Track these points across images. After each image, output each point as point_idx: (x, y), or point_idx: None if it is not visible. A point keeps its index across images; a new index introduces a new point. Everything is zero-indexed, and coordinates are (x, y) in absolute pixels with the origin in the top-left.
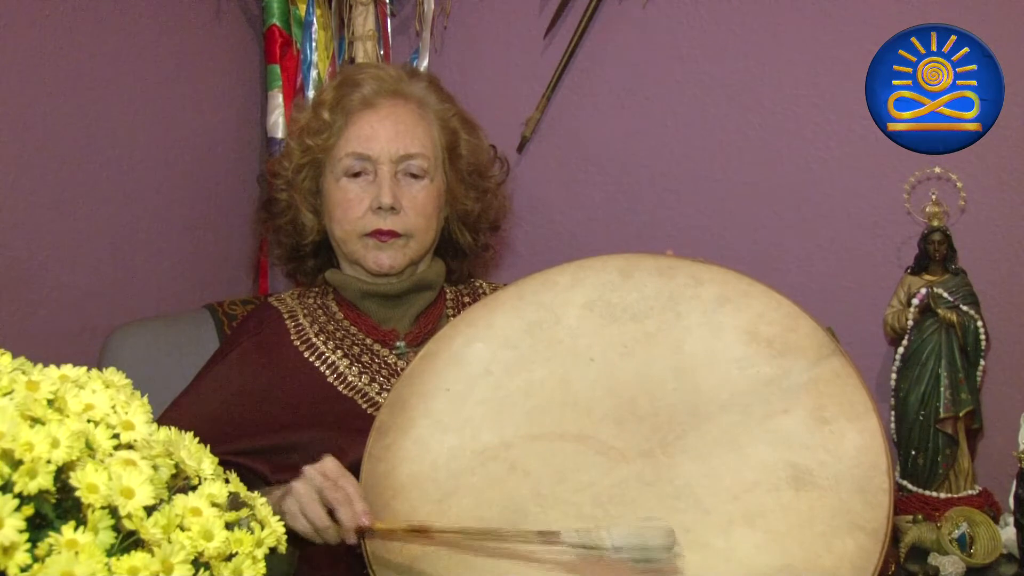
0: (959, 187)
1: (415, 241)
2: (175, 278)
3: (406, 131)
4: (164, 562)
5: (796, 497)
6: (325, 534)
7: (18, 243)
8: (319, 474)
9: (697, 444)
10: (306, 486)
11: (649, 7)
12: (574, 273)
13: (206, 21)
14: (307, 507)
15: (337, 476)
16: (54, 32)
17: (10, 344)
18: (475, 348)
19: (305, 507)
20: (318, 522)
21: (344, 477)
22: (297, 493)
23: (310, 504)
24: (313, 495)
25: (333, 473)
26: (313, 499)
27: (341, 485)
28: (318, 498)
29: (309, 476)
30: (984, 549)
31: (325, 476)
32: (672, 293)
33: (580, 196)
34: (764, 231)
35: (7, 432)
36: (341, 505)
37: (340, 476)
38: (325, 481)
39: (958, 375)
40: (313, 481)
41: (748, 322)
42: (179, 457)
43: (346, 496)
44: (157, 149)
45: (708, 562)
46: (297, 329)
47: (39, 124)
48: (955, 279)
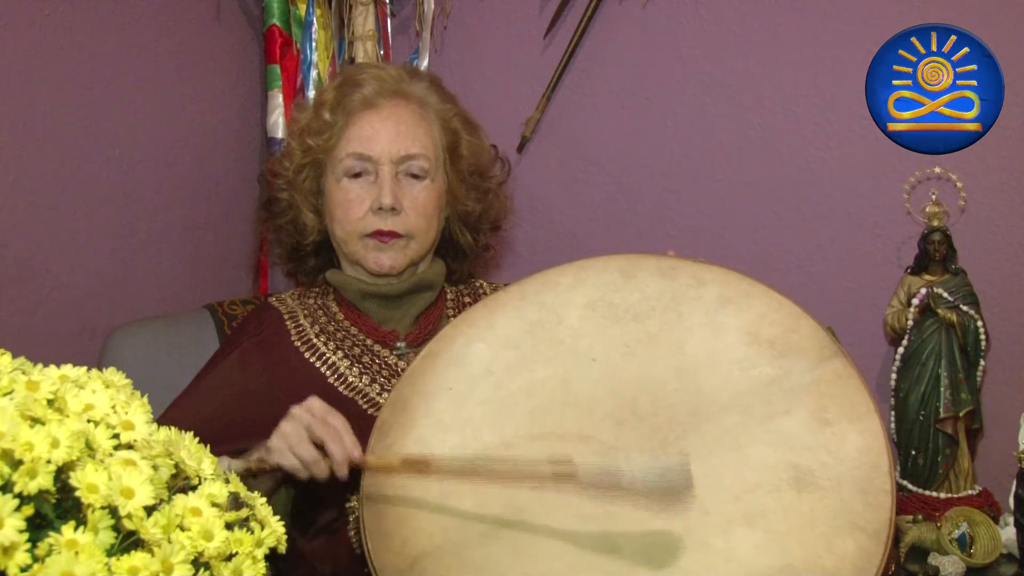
0: (959, 187)
1: (416, 242)
2: (175, 278)
3: (407, 131)
4: (164, 562)
5: (797, 498)
6: (314, 468)
7: (18, 243)
8: (306, 412)
9: (698, 444)
10: (294, 424)
11: (649, 7)
12: (576, 273)
13: (206, 21)
14: (295, 443)
15: (324, 413)
16: (54, 32)
17: (10, 344)
18: (476, 348)
19: (293, 444)
20: (307, 456)
21: (332, 414)
22: (284, 431)
23: (298, 440)
24: (301, 431)
25: (320, 411)
26: (301, 435)
27: (329, 421)
28: (306, 434)
29: (296, 414)
30: (984, 549)
31: (312, 413)
32: (674, 294)
33: (580, 196)
34: (764, 231)
35: (7, 432)
36: (331, 440)
37: (327, 413)
38: (312, 418)
39: (958, 375)
40: (301, 418)
41: (750, 323)
42: (179, 457)
43: (335, 431)
44: (157, 149)
45: (708, 562)
46: (297, 329)
47: (39, 124)
48: (955, 279)
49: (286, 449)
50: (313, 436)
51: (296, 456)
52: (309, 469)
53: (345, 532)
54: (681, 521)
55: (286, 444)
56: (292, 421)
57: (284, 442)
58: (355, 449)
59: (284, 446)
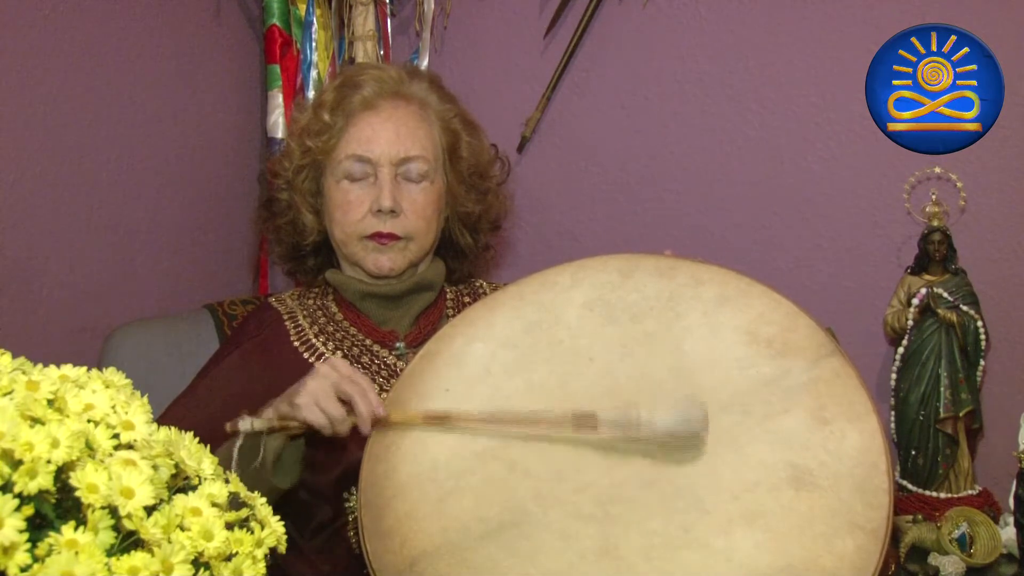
0: (959, 187)
1: (415, 243)
2: (175, 278)
3: (407, 133)
4: (164, 562)
5: (796, 497)
6: (340, 426)
7: (18, 243)
8: (332, 370)
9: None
10: (321, 381)
11: (649, 7)
12: (574, 273)
13: (206, 21)
14: (323, 399)
15: (351, 372)
16: (54, 32)
17: (10, 344)
18: (475, 348)
19: (320, 399)
20: (335, 413)
21: (356, 373)
22: (311, 388)
23: (326, 396)
24: (328, 388)
25: (346, 369)
26: (329, 392)
27: (355, 379)
28: (333, 391)
29: (323, 372)
30: (984, 549)
31: (339, 371)
32: (672, 293)
33: (580, 196)
34: (764, 231)
35: (7, 432)
36: (358, 396)
37: (353, 372)
38: (340, 376)
39: (958, 375)
40: (328, 376)
41: (748, 322)
42: (179, 457)
43: (361, 389)
44: (157, 149)
45: (708, 562)
46: (297, 330)
47: (39, 124)
48: (955, 279)
49: (313, 404)
50: (340, 393)
51: (323, 412)
52: (334, 426)
53: (344, 532)
54: (681, 521)
55: (313, 400)
56: (320, 379)
57: (312, 398)
58: (380, 407)
59: (311, 402)
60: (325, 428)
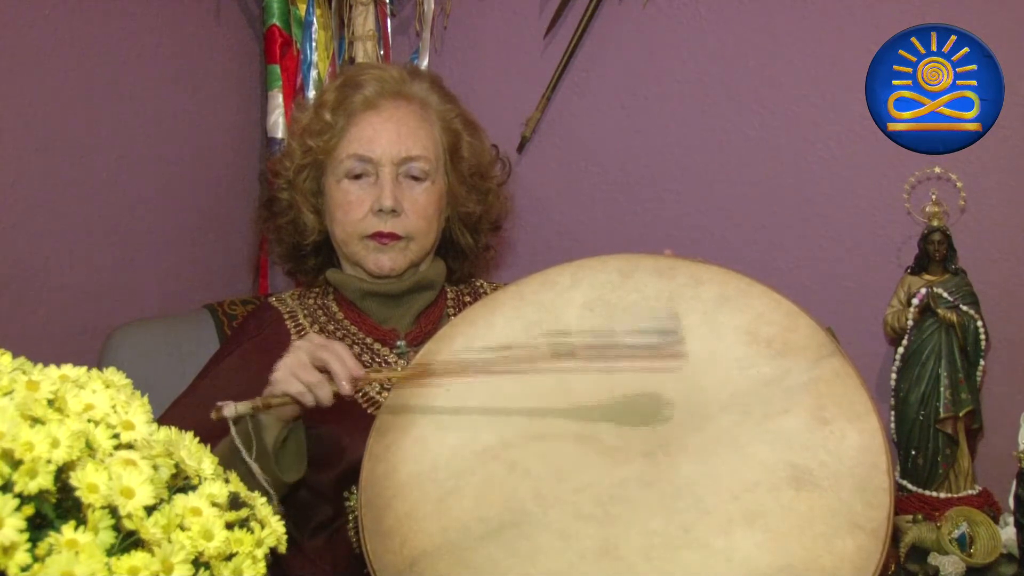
0: (959, 187)
1: (416, 243)
2: (175, 278)
3: (408, 133)
4: (164, 562)
5: (796, 497)
6: (318, 390)
7: (18, 243)
8: (306, 342)
9: (697, 444)
10: (296, 353)
11: (649, 7)
12: (574, 273)
13: (206, 21)
14: (298, 369)
15: (324, 341)
16: (54, 32)
17: (10, 344)
18: (475, 348)
19: (296, 369)
20: (311, 378)
21: (331, 341)
22: (286, 361)
23: (301, 366)
24: (303, 357)
25: (319, 339)
26: (304, 361)
27: (329, 345)
28: (308, 360)
29: (297, 344)
30: (984, 549)
31: (312, 342)
32: (672, 293)
33: (580, 196)
34: (764, 231)
35: (7, 432)
36: (333, 359)
37: (327, 341)
38: (314, 345)
39: (958, 375)
40: (302, 347)
41: (748, 322)
42: (179, 457)
43: (335, 353)
44: (157, 149)
45: (708, 562)
46: (297, 330)
47: (39, 124)
48: (955, 279)
49: (290, 375)
50: (315, 361)
51: (300, 380)
52: (313, 392)
53: (345, 531)
54: (681, 520)
55: (290, 371)
56: (294, 351)
57: (287, 370)
58: (357, 367)
59: (287, 373)
60: (305, 396)
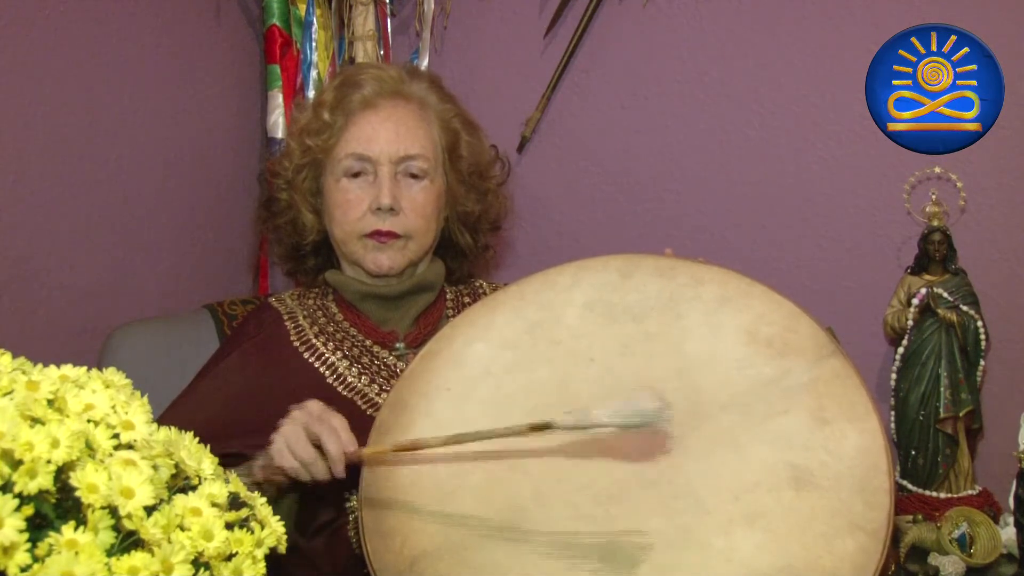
0: (959, 187)
1: (414, 242)
2: (175, 278)
3: (407, 132)
4: (164, 562)
5: (796, 497)
6: (313, 468)
7: (18, 243)
8: (304, 413)
9: (697, 444)
10: (292, 424)
11: (649, 7)
12: (574, 273)
13: (206, 21)
14: (294, 442)
15: (321, 412)
16: (54, 32)
17: (10, 344)
18: (475, 348)
19: (292, 443)
20: (305, 455)
21: (328, 413)
22: (284, 432)
23: (297, 439)
24: (299, 431)
25: (317, 410)
26: (300, 435)
27: (325, 419)
28: (304, 434)
29: (294, 416)
30: (984, 549)
31: (310, 414)
32: (672, 294)
33: (580, 196)
34: (764, 231)
35: (7, 432)
36: (327, 437)
37: (324, 412)
38: (310, 418)
39: (958, 375)
40: (299, 419)
41: (748, 322)
42: (179, 457)
43: (332, 428)
44: (157, 149)
45: (708, 562)
46: (296, 330)
47: (39, 124)
48: (955, 279)
49: (286, 450)
50: (310, 435)
51: (295, 456)
52: (308, 469)
53: (345, 532)
54: (681, 521)
55: (285, 445)
56: (290, 423)
57: (284, 443)
58: (351, 444)
59: (284, 447)
60: (300, 473)
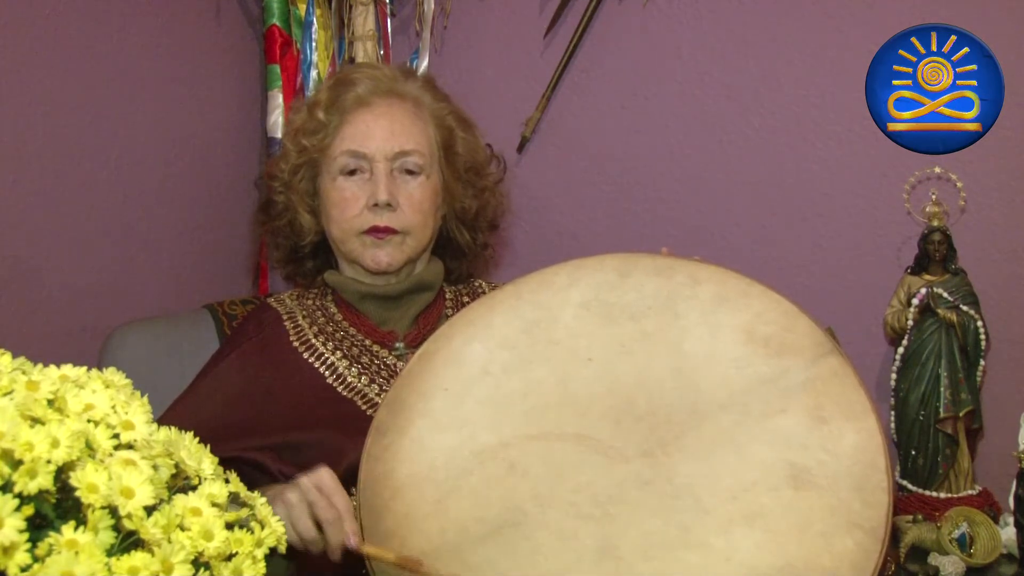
0: (959, 187)
1: (412, 238)
2: (175, 278)
3: (402, 129)
4: (164, 562)
5: (795, 496)
6: (312, 545)
7: (18, 243)
8: (313, 487)
9: (696, 444)
10: (298, 497)
11: (649, 7)
12: (571, 273)
13: (206, 21)
14: (296, 519)
15: (331, 492)
16: (54, 32)
17: (10, 344)
18: (473, 348)
19: (295, 518)
20: (306, 535)
21: (337, 494)
22: (288, 503)
23: (300, 516)
24: (304, 507)
25: (328, 488)
26: (303, 511)
27: (334, 503)
28: (308, 511)
29: (304, 487)
30: (984, 549)
31: (319, 490)
32: (670, 293)
33: (580, 196)
34: (764, 231)
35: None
36: (330, 524)
37: (334, 492)
38: (319, 496)
39: (958, 375)
40: (307, 494)
41: (746, 322)
42: (179, 457)
43: (337, 515)
44: (157, 149)
45: (708, 562)
46: (296, 330)
47: (39, 124)
48: (955, 279)
49: (287, 522)
50: (314, 514)
51: (295, 530)
52: (306, 544)
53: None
54: (680, 520)
55: (287, 517)
56: (297, 493)
57: (286, 515)
58: (353, 537)
59: (285, 518)
60: (296, 545)
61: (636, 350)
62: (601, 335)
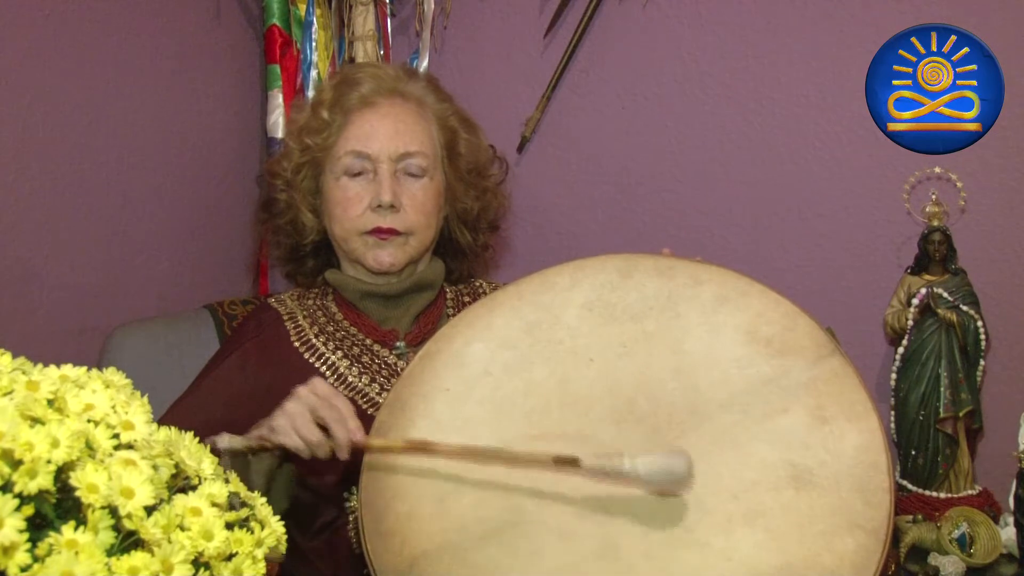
0: (959, 187)
1: (415, 239)
2: (175, 278)
3: (405, 129)
4: (164, 562)
5: (796, 496)
6: (318, 450)
7: (18, 243)
8: (311, 393)
9: (697, 443)
10: (299, 404)
11: (649, 7)
12: (572, 273)
13: (206, 21)
14: (300, 424)
15: (329, 395)
16: (54, 32)
17: (10, 344)
18: (474, 348)
19: (298, 424)
20: (311, 438)
21: (336, 396)
22: (289, 411)
23: (303, 421)
24: (306, 412)
25: (325, 392)
26: (306, 416)
27: (334, 404)
28: (310, 415)
29: (302, 395)
30: (984, 549)
31: (318, 395)
32: (671, 293)
33: (580, 196)
34: (764, 231)
35: (7, 432)
36: (335, 423)
37: (332, 395)
38: (318, 400)
39: (958, 375)
40: (307, 400)
41: (747, 322)
42: (179, 457)
43: (340, 414)
44: (157, 149)
45: (708, 561)
46: (296, 330)
47: (39, 124)
48: (955, 279)
49: (290, 429)
50: (317, 417)
51: (300, 437)
52: (312, 450)
53: (345, 531)
54: (681, 520)
55: (290, 424)
56: (297, 402)
57: (289, 421)
58: (358, 432)
59: (288, 426)
60: (302, 452)
61: (637, 350)
62: (602, 335)
